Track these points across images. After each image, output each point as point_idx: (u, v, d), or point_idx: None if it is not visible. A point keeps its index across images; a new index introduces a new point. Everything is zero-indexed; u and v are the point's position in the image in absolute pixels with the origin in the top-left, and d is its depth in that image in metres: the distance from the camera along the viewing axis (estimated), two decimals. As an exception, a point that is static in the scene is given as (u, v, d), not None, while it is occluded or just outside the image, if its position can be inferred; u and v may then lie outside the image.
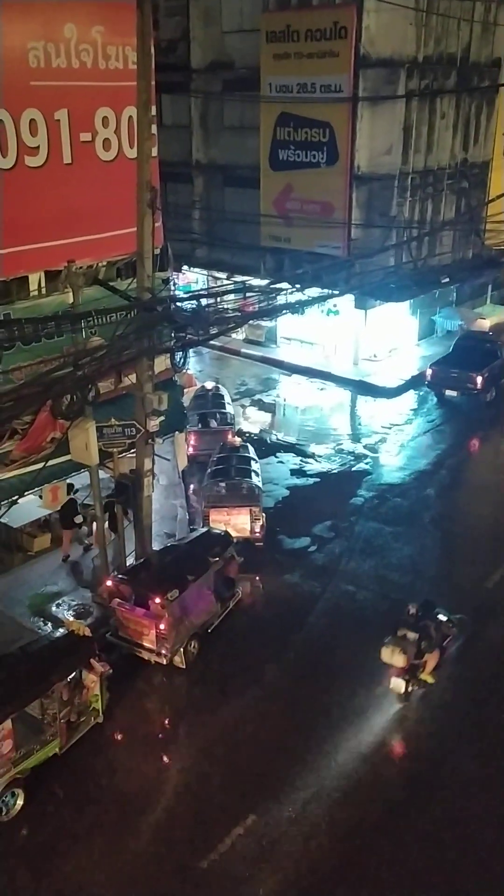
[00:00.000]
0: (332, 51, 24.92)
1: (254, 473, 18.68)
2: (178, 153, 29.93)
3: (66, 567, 17.17)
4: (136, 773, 12.29)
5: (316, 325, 29.40)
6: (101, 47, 15.82)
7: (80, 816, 11.54)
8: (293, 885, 10.56)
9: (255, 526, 17.50)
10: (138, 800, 11.82)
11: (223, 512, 17.43)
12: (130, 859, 10.90)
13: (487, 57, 28.05)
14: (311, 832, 11.26)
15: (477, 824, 11.31)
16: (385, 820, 11.43)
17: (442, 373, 25.94)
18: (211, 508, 17.55)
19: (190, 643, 14.34)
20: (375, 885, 10.53)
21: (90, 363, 12.79)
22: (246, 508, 17.45)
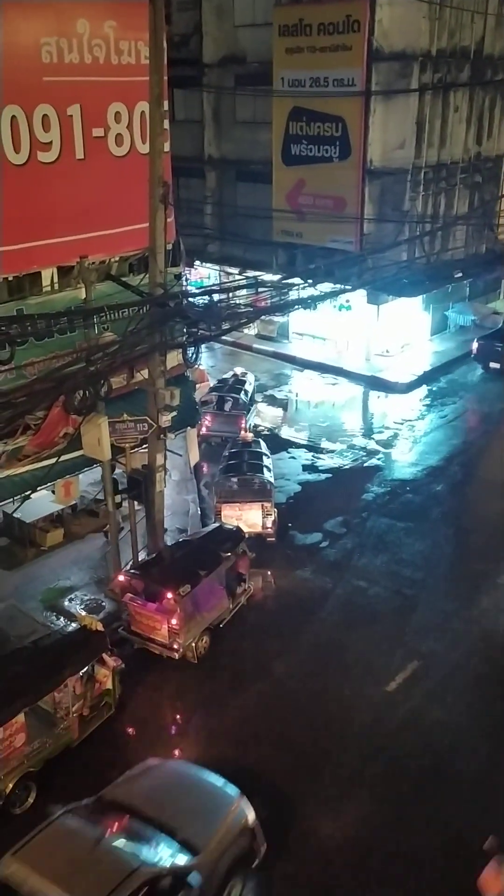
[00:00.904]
0: (344, 44, 24.81)
1: (266, 469, 18.78)
2: (190, 148, 29.90)
3: (79, 560, 17.23)
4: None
5: (328, 321, 29.33)
6: (114, 42, 15.79)
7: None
8: (295, 883, 10.58)
9: (267, 521, 17.57)
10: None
11: (235, 507, 17.50)
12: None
13: (501, 49, 27.82)
14: (317, 832, 11.28)
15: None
16: (394, 818, 11.43)
17: (487, 347, 27.82)
18: (223, 504, 17.61)
19: (201, 638, 14.38)
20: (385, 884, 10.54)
21: (102, 359, 12.84)
22: (258, 504, 17.53)
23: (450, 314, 31.79)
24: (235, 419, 22.22)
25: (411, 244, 25.15)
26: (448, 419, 24.98)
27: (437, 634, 15.13)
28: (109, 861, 8.99)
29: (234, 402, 22.75)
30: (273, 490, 18.18)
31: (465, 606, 15.89)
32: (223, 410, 22.55)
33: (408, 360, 28.89)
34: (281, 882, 10.55)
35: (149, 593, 14.25)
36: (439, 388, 27.36)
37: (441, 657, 14.52)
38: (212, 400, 22.73)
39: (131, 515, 16.04)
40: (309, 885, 10.55)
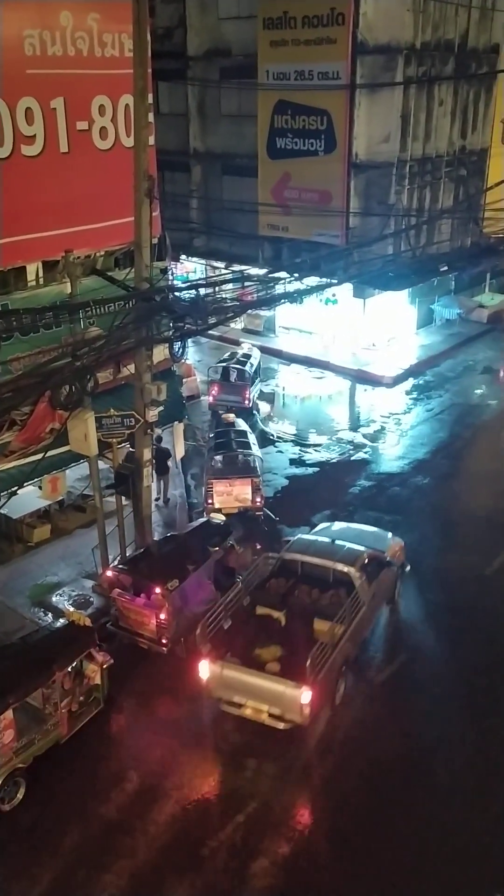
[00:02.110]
0: (329, 37, 24.78)
1: (253, 445, 19.69)
2: (175, 142, 29.79)
3: (66, 556, 17.19)
4: (138, 762, 12.34)
5: (314, 315, 29.35)
6: (97, 35, 15.71)
7: (82, 805, 11.60)
8: (289, 871, 10.64)
9: (256, 496, 18.26)
10: (140, 788, 11.87)
11: (226, 483, 18.20)
12: (133, 847, 10.96)
13: (485, 43, 27.88)
14: (310, 819, 11.34)
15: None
16: (375, 805, 11.53)
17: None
18: (214, 480, 18.28)
19: (190, 632, 14.38)
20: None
21: (89, 353, 12.78)
22: (248, 479, 18.27)
23: (436, 308, 31.89)
24: (240, 389, 24.01)
25: (397, 238, 25.18)
26: (434, 412, 25.07)
27: (425, 627, 15.20)
28: (348, 548, 14.59)
29: (238, 373, 24.35)
30: (261, 465, 19.03)
31: (452, 598, 15.98)
32: (228, 381, 24.30)
33: (394, 353, 28.96)
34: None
35: (137, 588, 14.25)
36: (425, 381, 27.45)
37: (428, 650, 14.61)
38: (218, 371, 24.61)
39: (119, 510, 16.01)
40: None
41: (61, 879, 10.55)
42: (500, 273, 34.35)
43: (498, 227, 26.97)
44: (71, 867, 10.70)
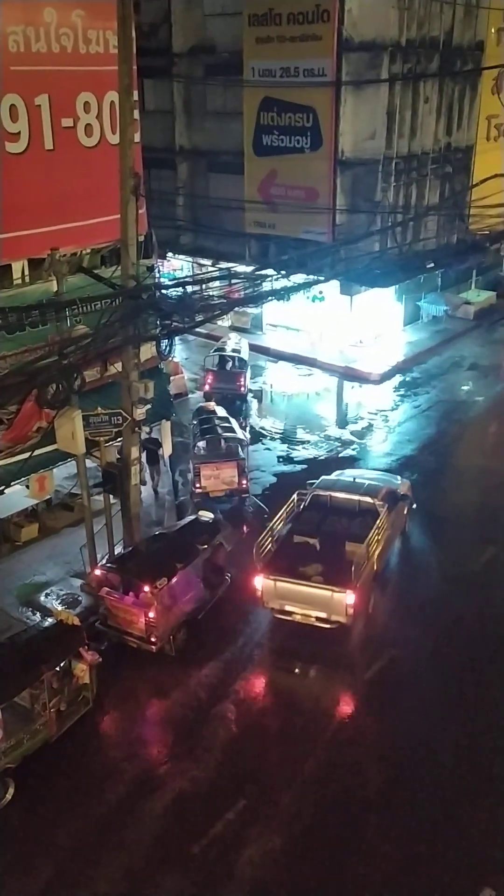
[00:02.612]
0: (314, 34, 24.76)
1: (236, 430, 20.36)
2: (161, 139, 29.69)
3: (54, 555, 17.13)
4: (126, 761, 12.33)
5: (302, 312, 29.35)
6: (82, 31, 15.64)
7: (72, 804, 11.58)
8: (280, 866, 10.66)
9: (242, 478, 18.89)
10: (129, 786, 11.87)
11: (212, 467, 18.79)
12: (122, 845, 10.95)
13: (470, 40, 27.95)
14: (300, 816, 11.36)
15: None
16: (371, 797, 11.56)
17: None
18: (201, 465, 18.81)
19: (179, 631, 14.39)
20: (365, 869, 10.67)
21: (75, 352, 12.74)
22: (233, 462, 18.89)
23: (422, 304, 31.97)
24: (235, 376, 24.86)
25: (383, 235, 25.22)
26: (421, 409, 25.15)
27: (413, 623, 15.26)
28: (369, 483, 17.14)
29: (233, 361, 25.34)
30: (245, 448, 19.77)
31: (438, 595, 16.04)
32: (224, 369, 25.17)
33: (381, 350, 29.01)
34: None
35: (125, 587, 14.21)
36: (412, 378, 27.52)
37: (419, 645, 14.68)
38: (213, 361, 25.50)
39: (107, 509, 15.97)
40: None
41: (52, 879, 10.53)
42: (486, 270, 34.50)
43: (484, 223, 27.03)
44: (61, 867, 10.68)
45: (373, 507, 16.12)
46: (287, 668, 14.24)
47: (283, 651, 14.63)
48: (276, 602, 14.74)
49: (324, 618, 14.33)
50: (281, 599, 14.66)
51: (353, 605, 14.06)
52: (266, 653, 14.62)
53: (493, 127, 30.02)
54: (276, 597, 14.68)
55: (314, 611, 14.37)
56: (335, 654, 14.33)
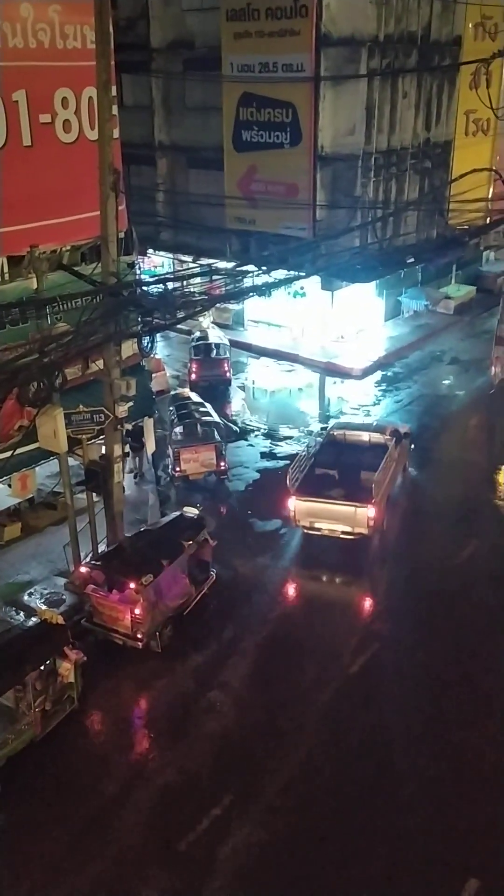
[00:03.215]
0: (292, 29, 24.72)
1: (212, 413, 21.14)
2: (140, 134, 29.53)
3: (38, 554, 17.06)
4: (113, 759, 12.33)
5: (283, 308, 29.35)
6: (59, 26, 15.55)
7: (58, 804, 11.55)
8: (265, 863, 10.70)
9: (220, 460, 19.74)
10: (116, 785, 11.86)
11: (191, 451, 19.60)
12: (109, 844, 10.94)
13: (448, 35, 28.01)
14: (286, 812, 11.40)
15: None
16: (355, 792, 11.62)
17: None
18: (181, 449, 19.57)
19: (165, 627, 14.38)
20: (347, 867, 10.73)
21: (56, 349, 12.66)
22: (211, 445, 19.73)
23: (403, 299, 32.09)
24: (220, 363, 25.89)
25: (364, 230, 25.25)
26: (403, 404, 25.25)
27: (397, 616, 15.35)
28: (377, 424, 19.97)
29: (216, 348, 26.23)
30: (222, 431, 20.45)
31: (425, 588, 16.14)
32: (209, 357, 25.99)
33: (363, 345, 29.09)
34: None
35: (111, 584, 14.18)
36: (394, 372, 27.62)
37: (401, 640, 14.75)
38: (198, 350, 26.17)
39: (90, 507, 15.91)
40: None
41: (39, 879, 10.50)
42: (465, 264, 34.68)
43: (463, 218, 27.16)
44: (48, 866, 10.65)
45: (381, 442, 18.79)
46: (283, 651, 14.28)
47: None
48: (306, 520, 17.12)
49: (348, 531, 16.76)
50: (311, 517, 17.03)
51: (373, 518, 16.58)
52: (252, 647, 14.63)
53: (471, 122, 30.10)
54: (306, 515, 17.05)
55: (339, 525, 16.78)
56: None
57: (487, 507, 19.27)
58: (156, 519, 17.73)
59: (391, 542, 17.65)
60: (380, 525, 17.19)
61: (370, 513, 16.58)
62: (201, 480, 20.01)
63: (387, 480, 17.80)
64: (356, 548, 17.07)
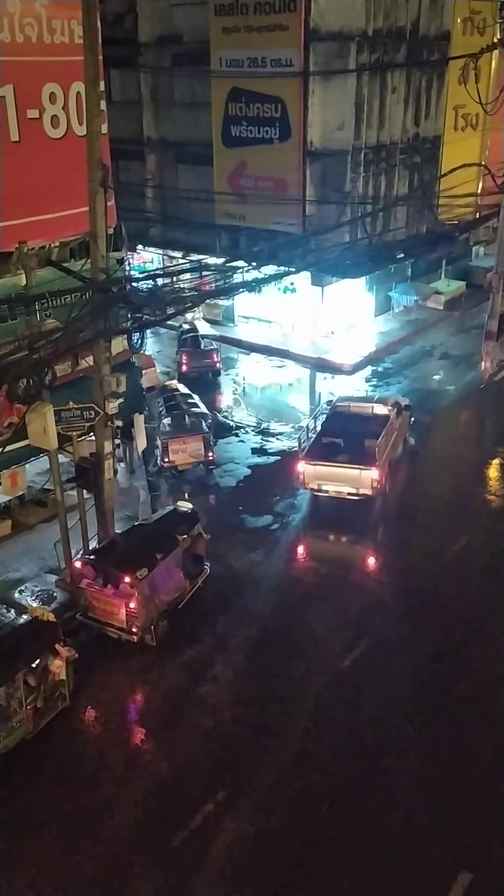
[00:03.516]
0: (281, 24, 24.68)
1: (199, 405, 21.49)
2: (128, 130, 29.43)
3: (28, 551, 17.01)
4: (106, 755, 12.32)
5: (273, 304, 29.33)
6: (46, 21, 15.44)
7: (51, 801, 11.54)
8: (258, 857, 10.72)
9: (208, 451, 20.01)
10: (108, 781, 11.85)
11: (179, 441, 19.91)
12: (102, 840, 10.94)
13: (436, 30, 28.02)
14: (278, 805, 11.43)
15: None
16: (345, 787, 11.67)
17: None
18: (169, 440, 19.87)
19: (160, 620, 14.41)
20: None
21: (46, 346, 12.63)
22: (198, 436, 19.99)
23: (393, 295, 32.10)
24: (209, 353, 26.56)
25: (353, 225, 25.25)
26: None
27: (387, 612, 15.39)
28: (379, 396, 21.51)
29: (205, 340, 27.09)
30: (210, 422, 20.82)
31: (415, 583, 16.19)
32: (199, 348, 26.62)
33: (353, 340, 29.11)
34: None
35: (106, 578, 14.19)
36: (384, 368, 27.65)
37: (392, 634, 14.79)
38: (186, 341, 26.86)
39: (80, 504, 15.87)
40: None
41: (32, 877, 10.49)
42: (455, 259, 34.72)
43: (452, 213, 27.22)
44: (40, 864, 10.65)
45: (383, 413, 20.00)
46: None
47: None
48: (314, 483, 18.49)
49: (353, 492, 18.10)
50: (318, 480, 18.39)
51: (376, 480, 17.93)
52: (241, 641, 14.64)
53: (460, 117, 30.13)
54: (314, 478, 18.42)
55: (345, 487, 18.16)
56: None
57: (478, 500, 19.34)
58: (147, 516, 17.71)
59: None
60: (382, 487, 18.49)
61: (373, 474, 17.89)
62: (189, 472, 20.25)
63: (388, 447, 19.24)
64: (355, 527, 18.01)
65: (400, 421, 20.56)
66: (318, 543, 17.82)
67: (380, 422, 19.56)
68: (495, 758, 12.08)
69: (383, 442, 18.74)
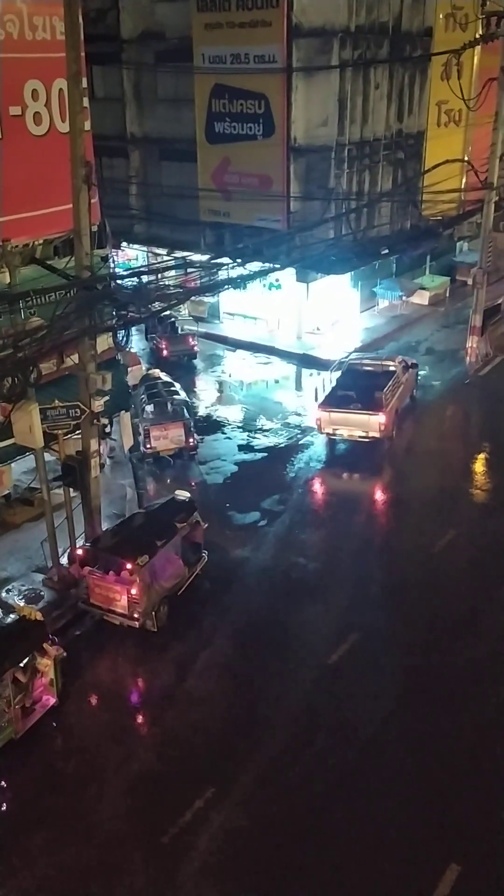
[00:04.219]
0: (264, 20, 24.65)
1: (180, 392, 22.18)
2: (112, 127, 29.34)
3: (15, 550, 16.96)
4: (94, 753, 12.30)
5: (259, 300, 29.34)
6: (28, 17, 15.36)
7: (40, 800, 11.52)
8: (247, 851, 10.76)
9: (189, 437, 20.49)
10: (97, 780, 11.83)
11: (161, 428, 20.40)
12: (91, 839, 10.93)
13: (419, 26, 28.08)
14: (267, 799, 11.47)
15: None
16: (338, 777, 11.72)
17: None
18: (151, 426, 20.35)
19: (160, 607, 14.64)
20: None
21: (30, 344, 12.58)
22: (180, 423, 20.51)
23: (378, 290, 32.17)
24: (185, 338, 27.98)
25: (338, 221, 25.30)
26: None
27: (376, 606, 15.45)
28: (387, 354, 23.77)
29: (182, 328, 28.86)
30: (190, 410, 21.55)
31: (402, 578, 16.27)
32: (176, 333, 28.22)
33: (339, 337, 29.16)
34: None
35: (107, 565, 14.42)
36: (370, 363, 27.68)
37: (380, 628, 14.86)
38: (166, 328, 28.20)
39: (67, 502, 15.83)
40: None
41: (23, 876, 10.48)
42: (439, 255, 34.83)
43: (436, 209, 27.33)
44: (30, 862, 10.63)
45: (392, 369, 22.43)
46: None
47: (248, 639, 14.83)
48: (329, 427, 21.11)
49: (363, 435, 20.77)
50: (333, 425, 21.04)
51: (383, 424, 20.59)
52: (234, 640, 14.67)
53: (443, 113, 30.22)
54: (329, 424, 21.05)
55: (357, 430, 20.85)
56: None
57: (463, 495, 19.46)
58: (132, 510, 17.71)
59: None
60: (389, 431, 21.02)
61: (381, 419, 20.50)
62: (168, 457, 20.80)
63: (395, 397, 21.66)
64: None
65: (406, 376, 22.88)
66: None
67: (387, 375, 22.02)
68: (483, 750, 12.17)
69: (390, 392, 21.26)
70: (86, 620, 15.02)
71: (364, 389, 21.26)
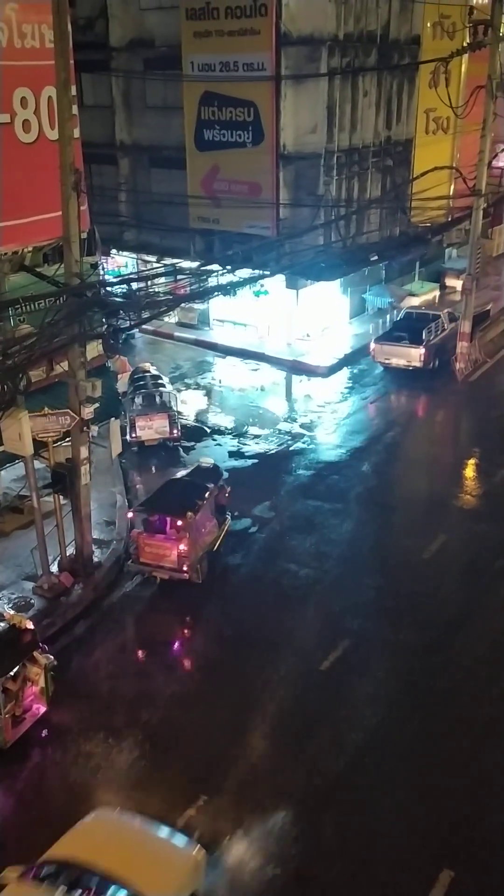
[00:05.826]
0: (252, 28, 24.76)
1: (167, 385, 23.07)
2: (101, 134, 29.34)
3: (4, 559, 16.88)
4: (87, 757, 12.24)
5: (248, 307, 29.38)
6: (16, 25, 15.39)
7: (29, 810, 11.44)
8: (239, 855, 10.72)
9: (173, 428, 21.29)
10: (89, 787, 11.77)
11: (146, 418, 21.23)
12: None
13: (407, 34, 28.25)
14: (259, 803, 11.43)
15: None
16: (330, 783, 11.70)
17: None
18: (136, 416, 21.16)
19: (202, 561, 15.85)
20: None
21: (20, 352, 12.57)
22: (164, 413, 21.38)
23: (367, 297, 32.27)
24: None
25: (327, 228, 25.40)
26: (370, 401, 25.43)
27: (367, 612, 15.45)
28: (441, 309, 29.18)
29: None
30: (175, 402, 22.32)
31: (393, 582, 16.28)
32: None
33: (328, 343, 29.22)
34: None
35: (156, 525, 15.67)
36: (360, 370, 27.78)
37: (371, 634, 14.85)
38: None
39: (57, 510, 15.78)
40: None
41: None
42: (428, 261, 34.99)
43: (425, 216, 27.49)
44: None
45: (438, 316, 27.21)
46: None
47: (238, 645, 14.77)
48: (382, 357, 26.26)
49: (407, 364, 25.71)
50: (385, 356, 26.21)
51: (423, 355, 25.45)
52: (219, 644, 14.63)
53: (431, 120, 30.40)
54: (381, 354, 26.20)
55: (402, 360, 25.86)
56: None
57: (453, 500, 19.51)
58: (124, 522, 17.68)
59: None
60: (428, 362, 25.62)
61: (422, 351, 25.33)
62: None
63: (436, 338, 26.37)
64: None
65: (452, 326, 27.03)
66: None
67: (433, 320, 26.78)
68: (475, 756, 12.18)
69: (433, 333, 26.05)
70: (76, 628, 14.98)
71: (412, 330, 25.78)
